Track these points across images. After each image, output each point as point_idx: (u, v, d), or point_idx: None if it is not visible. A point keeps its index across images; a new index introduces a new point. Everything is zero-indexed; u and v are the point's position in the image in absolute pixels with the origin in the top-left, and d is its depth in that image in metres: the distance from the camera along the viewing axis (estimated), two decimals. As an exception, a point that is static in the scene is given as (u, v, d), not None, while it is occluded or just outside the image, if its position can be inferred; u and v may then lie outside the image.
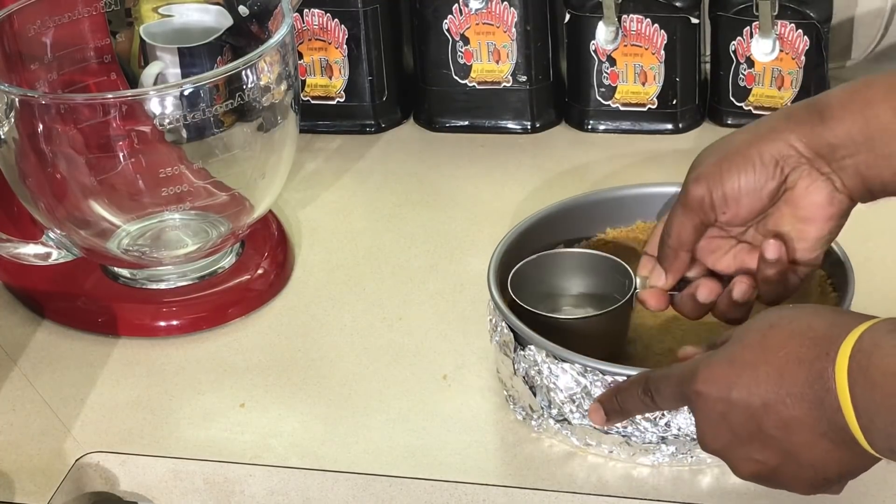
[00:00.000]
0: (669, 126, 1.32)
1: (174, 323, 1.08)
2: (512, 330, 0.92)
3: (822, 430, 0.74)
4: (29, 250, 1.08)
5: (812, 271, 0.92)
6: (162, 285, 1.11)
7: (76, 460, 0.95)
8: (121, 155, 1.03)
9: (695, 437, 0.88)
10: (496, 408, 0.97)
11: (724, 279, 0.93)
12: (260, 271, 1.12)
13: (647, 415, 0.88)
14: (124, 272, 1.12)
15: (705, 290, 0.92)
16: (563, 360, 0.89)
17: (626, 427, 0.89)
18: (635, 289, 0.94)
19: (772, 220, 0.90)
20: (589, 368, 0.88)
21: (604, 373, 0.88)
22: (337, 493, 0.93)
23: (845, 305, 0.92)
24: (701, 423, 0.81)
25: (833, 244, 0.95)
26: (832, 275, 0.98)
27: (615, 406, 0.87)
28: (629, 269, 0.95)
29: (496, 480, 0.91)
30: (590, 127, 1.34)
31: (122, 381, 1.03)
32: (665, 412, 0.87)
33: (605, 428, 0.89)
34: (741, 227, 0.91)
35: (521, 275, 0.97)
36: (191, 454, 0.95)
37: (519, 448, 0.93)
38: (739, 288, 0.91)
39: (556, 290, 0.99)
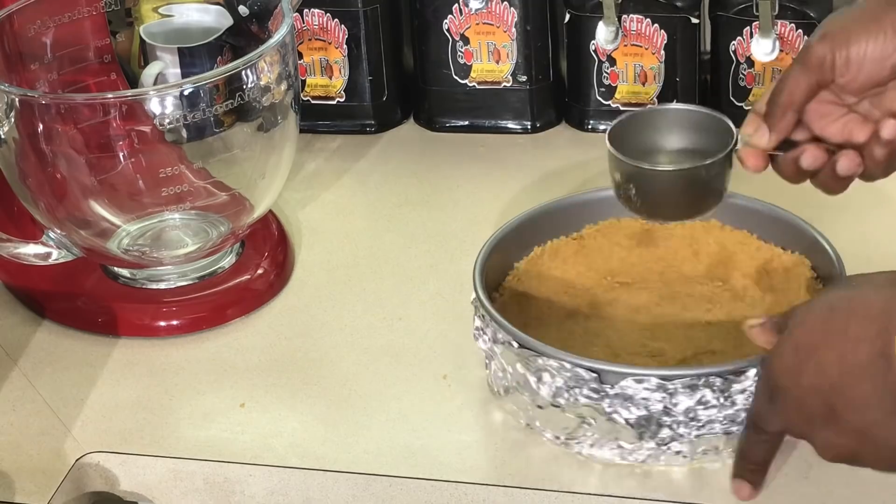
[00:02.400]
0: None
1: (174, 323, 1.08)
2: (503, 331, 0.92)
3: (890, 407, 0.74)
4: (29, 250, 1.08)
5: None
6: (162, 285, 1.11)
7: (76, 460, 0.95)
8: (121, 155, 1.03)
9: (694, 437, 0.89)
10: (496, 408, 0.97)
11: (828, 148, 0.89)
12: (260, 271, 1.12)
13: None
14: (124, 272, 1.12)
15: (810, 157, 0.88)
16: (544, 356, 0.89)
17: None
18: (735, 144, 0.90)
19: (888, 96, 0.87)
20: (576, 365, 0.88)
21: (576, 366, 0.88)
22: (337, 493, 0.93)
23: None
24: (784, 413, 0.81)
25: (824, 241, 0.95)
26: (822, 275, 0.98)
27: (750, 466, 0.86)
28: (731, 124, 0.92)
29: (496, 480, 0.91)
30: (590, 127, 1.34)
31: (122, 381, 1.03)
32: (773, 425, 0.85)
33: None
34: (855, 94, 0.88)
35: (620, 130, 0.93)
36: (191, 454, 0.95)
37: (519, 448, 0.93)
38: (844, 162, 0.87)
39: (657, 147, 0.95)
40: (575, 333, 0.97)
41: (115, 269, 1.12)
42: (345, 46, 1.33)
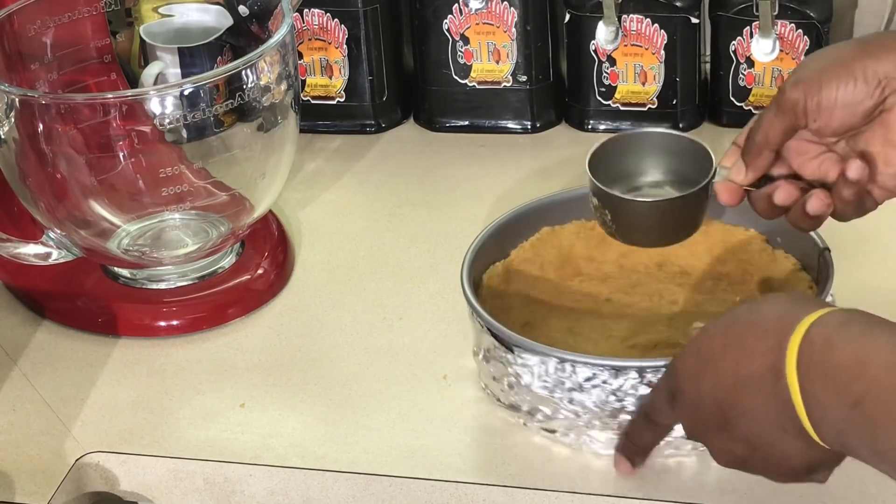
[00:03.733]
0: (669, 126, 1.32)
1: (174, 323, 1.08)
2: (493, 334, 0.93)
3: (776, 420, 0.75)
4: (29, 250, 1.08)
5: (890, 198, 0.90)
6: (162, 285, 1.11)
7: (76, 460, 0.95)
8: (121, 155, 1.03)
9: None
10: (496, 408, 0.97)
11: (801, 186, 0.91)
12: (260, 271, 1.12)
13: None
14: (124, 272, 1.12)
15: (783, 194, 0.90)
16: (537, 353, 0.89)
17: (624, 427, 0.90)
18: (713, 176, 0.91)
19: (863, 138, 0.88)
20: (566, 361, 0.89)
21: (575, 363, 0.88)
22: (337, 493, 0.93)
23: (823, 296, 0.92)
24: (683, 416, 0.83)
25: (816, 236, 0.95)
26: (813, 268, 0.98)
27: (633, 448, 0.88)
28: (711, 154, 0.92)
29: (496, 480, 0.91)
30: (590, 127, 1.34)
31: (122, 381, 1.03)
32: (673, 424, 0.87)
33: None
34: (831, 137, 0.89)
35: (600, 154, 0.94)
36: (191, 454, 0.95)
37: (519, 448, 0.93)
38: (814, 201, 0.89)
39: (636, 171, 0.95)
40: (560, 330, 0.97)
41: (115, 269, 1.12)
42: (345, 46, 1.33)
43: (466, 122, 1.36)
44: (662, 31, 1.28)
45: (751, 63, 1.28)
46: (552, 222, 1.05)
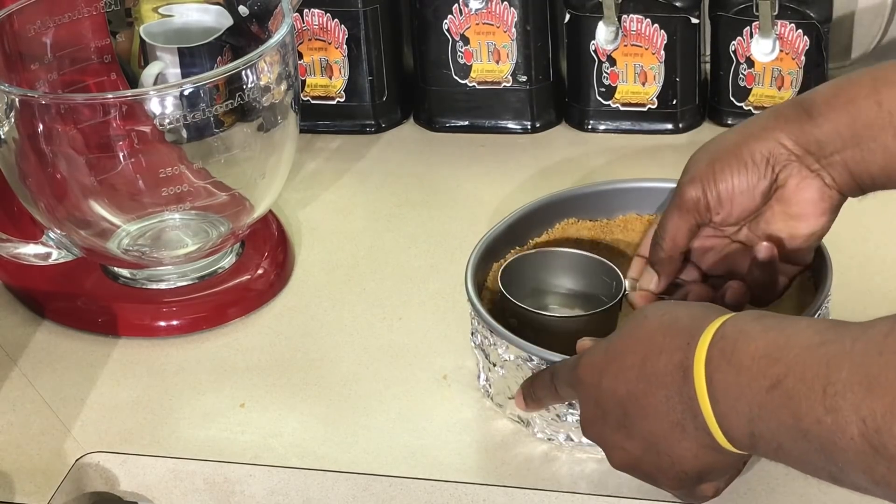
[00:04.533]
0: (669, 126, 1.32)
1: (174, 323, 1.08)
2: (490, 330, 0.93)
3: (677, 418, 0.75)
4: (29, 250, 1.08)
5: (801, 271, 0.93)
6: (162, 285, 1.11)
7: (76, 460, 0.95)
8: (121, 155, 1.03)
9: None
10: (496, 407, 0.97)
11: (712, 284, 0.94)
12: (260, 271, 1.12)
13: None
14: (124, 272, 1.12)
15: (694, 297, 0.93)
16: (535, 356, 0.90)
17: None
18: (624, 292, 0.95)
19: (764, 218, 0.91)
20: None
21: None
22: (337, 493, 0.93)
23: (821, 296, 0.92)
24: (581, 410, 0.83)
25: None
26: (812, 269, 0.98)
27: (531, 393, 0.89)
28: (618, 271, 0.96)
29: (496, 480, 0.91)
30: (590, 127, 1.34)
31: (122, 381, 1.03)
32: (568, 403, 0.89)
33: (526, 414, 0.92)
34: (734, 226, 0.92)
35: (511, 270, 0.97)
36: (191, 454, 0.95)
37: (519, 448, 0.93)
38: (731, 294, 0.91)
39: (546, 287, 0.99)
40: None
41: (115, 269, 1.12)
42: (345, 46, 1.33)
43: (466, 122, 1.36)
44: (662, 31, 1.28)
45: (751, 63, 1.28)
46: (554, 222, 1.05)
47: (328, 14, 1.32)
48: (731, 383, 0.72)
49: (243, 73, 1.01)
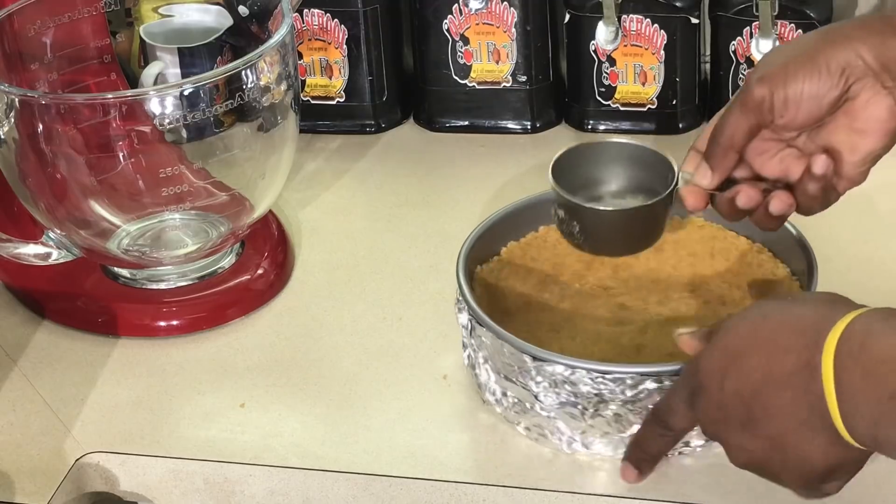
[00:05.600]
0: (669, 126, 1.32)
1: (174, 323, 1.08)
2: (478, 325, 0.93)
3: (804, 417, 0.75)
4: (29, 250, 1.08)
5: (852, 187, 0.91)
6: (162, 285, 1.11)
7: (76, 460, 0.95)
8: (121, 155, 1.03)
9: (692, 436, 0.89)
10: (496, 407, 0.97)
11: (763, 188, 0.92)
12: (260, 271, 1.12)
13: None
14: (124, 272, 1.12)
15: (744, 198, 0.90)
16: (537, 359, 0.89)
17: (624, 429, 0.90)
18: (676, 183, 0.92)
19: (826, 129, 0.89)
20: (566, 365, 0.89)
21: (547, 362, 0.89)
22: (337, 493, 0.93)
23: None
24: (703, 414, 0.82)
25: (793, 227, 0.95)
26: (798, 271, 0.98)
27: (642, 455, 0.88)
28: (672, 162, 0.93)
29: (496, 480, 0.91)
30: (590, 127, 1.34)
31: (122, 381, 1.03)
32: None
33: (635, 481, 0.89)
34: (794, 131, 0.90)
35: (562, 164, 0.94)
36: (191, 454, 0.95)
37: (519, 448, 0.93)
38: (776, 203, 0.89)
39: (598, 180, 0.96)
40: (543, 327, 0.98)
41: (115, 269, 1.12)
42: (345, 46, 1.33)
43: (466, 122, 1.36)
44: (662, 31, 1.28)
45: (751, 63, 1.28)
46: (547, 220, 1.05)
47: (328, 14, 1.32)
48: (857, 385, 0.72)
49: (243, 73, 1.01)
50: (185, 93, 0.99)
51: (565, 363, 0.88)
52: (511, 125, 1.35)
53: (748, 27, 1.27)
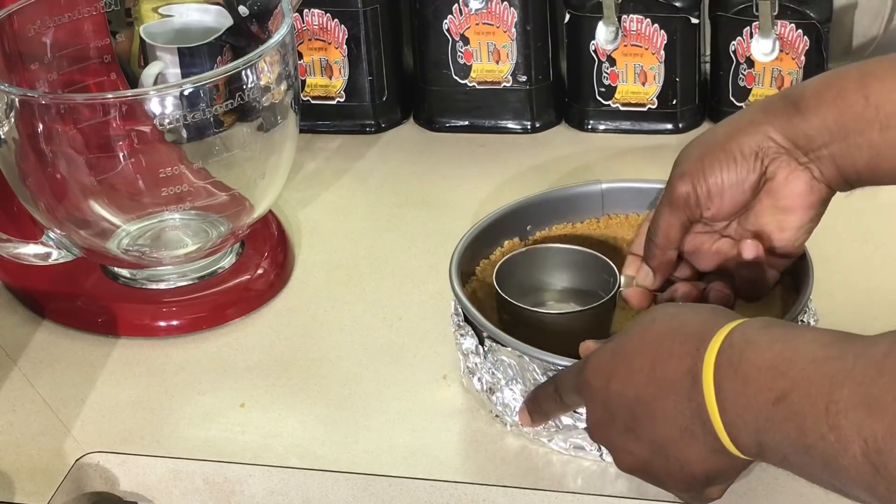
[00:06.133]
0: (669, 126, 1.32)
1: (174, 323, 1.08)
2: (474, 327, 0.93)
3: (686, 423, 0.75)
4: (29, 250, 1.08)
5: (790, 264, 0.93)
6: (162, 285, 1.11)
7: (76, 460, 0.95)
8: (121, 155, 1.03)
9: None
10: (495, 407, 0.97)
11: (709, 277, 0.94)
12: (260, 271, 1.12)
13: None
14: (124, 272, 1.12)
15: (681, 295, 0.93)
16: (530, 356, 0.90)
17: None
18: (619, 287, 0.95)
19: (753, 212, 0.91)
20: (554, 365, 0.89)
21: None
22: (337, 493, 0.93)
23: (803, 297, 0.92)
24: (588, 413, 0.83)
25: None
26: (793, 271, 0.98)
27: (536, 408, 0.89)
28: (614, 266, 0.96)
29: (496, 481, 0.91)
30: (590, 127, 1.34)
31: (122, 381, 1.03)
32: (575, 410, 0.88)
33: (532, 429, 0.91)
34: (725, 221, 0.92)
35: (507, 268, 0.97)
36: (191, 454, 0.95)
37: (519, 448, 0.93)
38: (714, 294, 0.92)
39: (541, 285, 0.99)
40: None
41: (115, 269, 1.12)
42: (345, 46, 1.33)
43: (466, 122, 1.36)
44: (662, 31, 1.28)
45: (751, 63, 1.28)
46: (543, 220, 1.05)
47: (328, 14, 1.32)
48: (738, 393, 0.72)
49: (243, 73, 1.01)
50: (185, 93, 0.99)
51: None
52: (511, 125, 1.35)
53: (748, 27, 1.27)
